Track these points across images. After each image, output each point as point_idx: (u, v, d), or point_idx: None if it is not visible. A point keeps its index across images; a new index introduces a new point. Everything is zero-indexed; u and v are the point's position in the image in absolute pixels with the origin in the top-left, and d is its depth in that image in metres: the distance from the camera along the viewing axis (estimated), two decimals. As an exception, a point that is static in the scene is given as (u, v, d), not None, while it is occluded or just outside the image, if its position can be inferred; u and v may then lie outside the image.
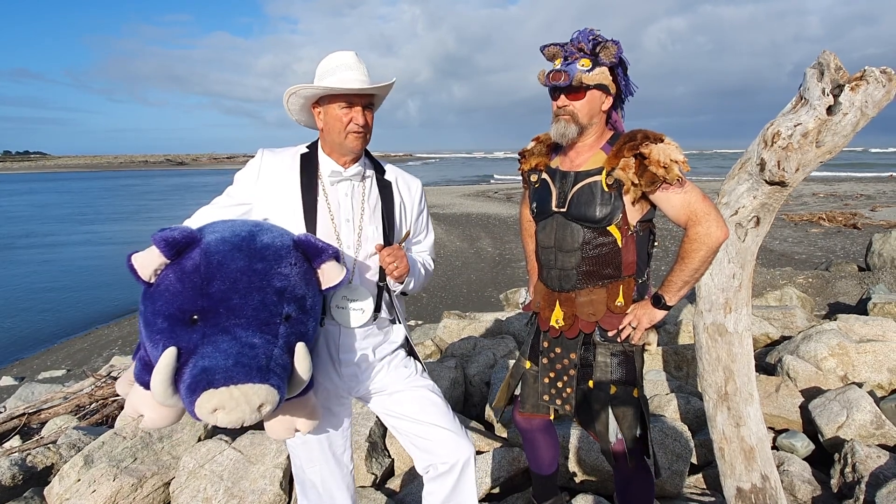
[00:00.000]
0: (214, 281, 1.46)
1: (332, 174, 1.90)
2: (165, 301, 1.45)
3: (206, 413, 1.35)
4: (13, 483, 3.06)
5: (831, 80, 2.16)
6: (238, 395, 1.35)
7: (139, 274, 1.46)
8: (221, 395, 1.34)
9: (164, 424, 1.60)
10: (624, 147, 1.89)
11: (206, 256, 1.48)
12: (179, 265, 1.47)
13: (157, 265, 1.47)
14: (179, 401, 1.40)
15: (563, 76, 1.91)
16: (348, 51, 1.88)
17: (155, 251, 1.46)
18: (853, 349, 3.82)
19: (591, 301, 2.03)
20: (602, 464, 2.84)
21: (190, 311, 1.44)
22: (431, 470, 2.00)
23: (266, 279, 1.51)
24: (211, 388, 1.34)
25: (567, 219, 2.01)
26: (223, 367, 1.37)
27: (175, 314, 1.44)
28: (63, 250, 17.57)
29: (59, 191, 45.98)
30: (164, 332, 1.43)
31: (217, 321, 1.44)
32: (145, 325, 1.48)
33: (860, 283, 7.60)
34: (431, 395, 2.03)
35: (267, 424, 1.64)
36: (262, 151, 1.93)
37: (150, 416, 1.57)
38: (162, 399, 1.39)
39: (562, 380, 2.12)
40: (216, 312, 1.44)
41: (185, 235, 1.48)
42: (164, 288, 1.46)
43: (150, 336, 1.46)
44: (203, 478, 2.85)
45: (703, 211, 1.85)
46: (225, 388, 1.34)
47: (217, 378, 1.35)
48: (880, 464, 2.71)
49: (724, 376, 2.39)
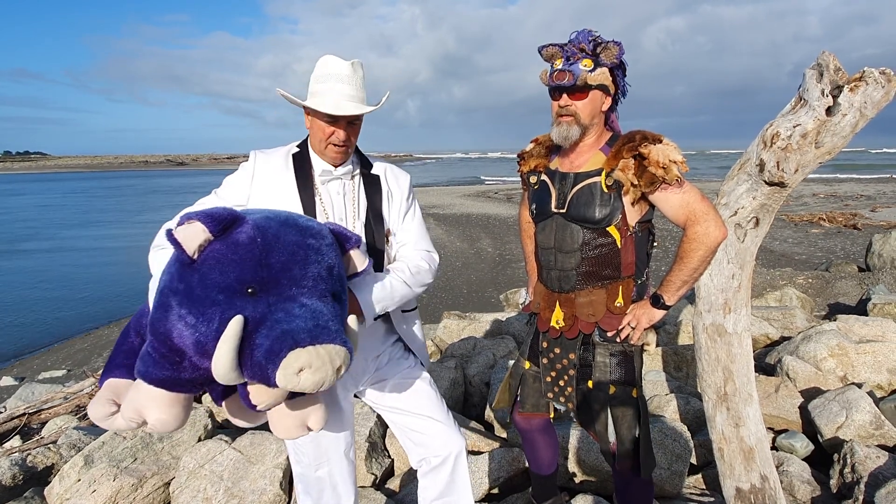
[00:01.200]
0: (273, 252, 1.45)
1: (323, 173, 1.91)
2: (220, 273, 1.40)
3: (291, 373, 1.31)
4: (13, 483, 3.06)
5: (830, 81, 2.16)
6: (324, 353, 1.34)
7: (184, 248, 1.40)
8: (309, 353, 1.32)
9: (174, 426, 1.50)
10: (623, 148, 1.90)
11: (261, 230, 1.47)
12: (230, 239, 1.44)
13: (202, 240, 1.42)
14: (239, 375, 1.36)
15: (568, 76, 1.91)
16: (346, 60, 1.85)
17: (199, 226, 1.42)
18: (853, 350, 3.82)
19: (591, 302, 2.03)
20: (602, 464, 2.85)
21: (248, 281, 1.41)
22: (424, 464, 2.03)
23: (319, 254, 1.52)
24: (297, 347, 1.32)
25: (567, 220, 2.02)
26: (306, 329, 1.35)
27: (232, 285, 1.40)
28: (64, 250, 17.57)
29: (60, 191, 45.93)
30: (220, 304, 1.38)
31: (281, 291, 1.43)
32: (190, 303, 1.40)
33: (860, 283, 7.60)
34: (426, 388, 2.05)
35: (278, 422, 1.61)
36: (254, 153, 1.94)
37: (159, 417, 1.47)
38: (225, 370, 1.33)
39: (563, 379, 2.13)
40: (278, 283, 1.43)
41: (229, 212, 1.46)
42: (215, 261, 1.41)
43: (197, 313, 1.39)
44: (203, 478, 2.86)
45: (702, 211, 1.86)
46: (311, 347, 1.33)
47: (303, 338, 1.33)
48: (879, 464, 2.71)
49: (724, 377, 2.39)
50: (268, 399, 1.44)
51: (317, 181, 1.91)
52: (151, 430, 1.49)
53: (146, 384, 1.47)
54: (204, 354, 1.40)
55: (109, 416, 1.53)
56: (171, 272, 1.46)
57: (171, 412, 1.48)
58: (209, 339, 1.37)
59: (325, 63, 1.85)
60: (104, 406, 1.54)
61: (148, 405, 1.47)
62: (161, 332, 1.44)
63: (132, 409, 1.47)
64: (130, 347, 1.65)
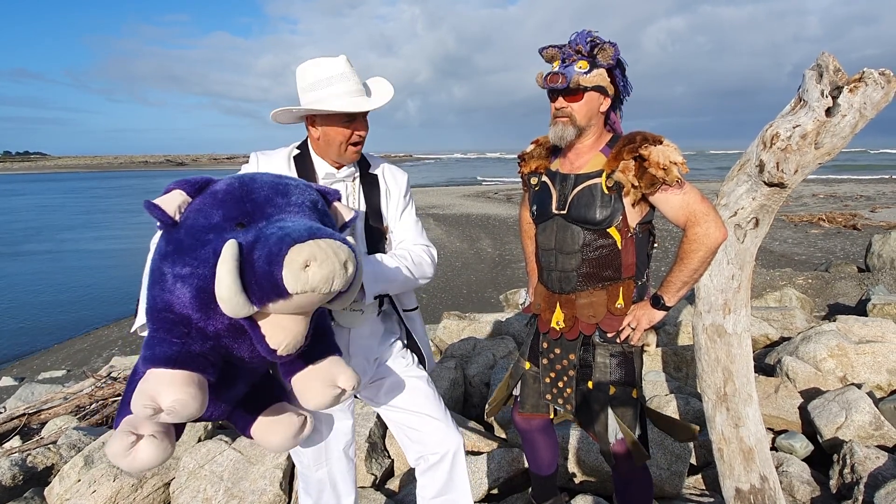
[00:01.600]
0: (254, 190, 1.46)
1: (326, 176, 1.92)
2: (205, 217, 1.41)
3: (297, 269, 1.25)
4: (13, 483, 3.07)
5: (830, 82, 2.16)
6: (325, 246, 1.28)
7: (164, 209, 1.40)
8: (310, 246, 1.27)
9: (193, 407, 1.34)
10: (623, 149, 1.90)
11: (237, 178, 1.49)
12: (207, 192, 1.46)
13: (181, 202, 1.43)
14: (247, 302, 1.28)
15: (560, 78, 1.92)
16: (337, 58, 1.83)
17: (176, 191, 1.43)
18: (852, 350, 3.82)
19: (592, 303, 2.03)
20: (601, 464, 2.85)
21: (235, 217, 1.41)
22: (422, 462, 2.03)
23: (299, 189, 1.53)
24: (297, 243, 1.28)
25: (567, 221, 2.02)
26: (300, 229, 1.32)
27: (220, 223, 1.39)
28: (64, 251, 17.57)
29: (61, 192, 45.91)
30: (211, 241, 1.37)
31: (269, 216, 1.43)
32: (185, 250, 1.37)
33: (859, 284, 7.61)
34: (423, 386, 2.06)
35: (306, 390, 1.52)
36: (255, 155, 1.94)
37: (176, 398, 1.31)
38: (229, 294, 1.26)
39: (562, 380, 2.13)
40: (263, 211, 1.43)
41: (204, 177, 1.49)
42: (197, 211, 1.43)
43: (191, 257, 1.36)
44: (203, 478, 2.86)
45: (702, 212, 1.87)
46: (311, 240, 1.28)
47: (300, 234, 1.29)
48: (879, 465, 2.72)
49: (724, 377, 2.39)
50: (285, 336, 1.36)
51: (320, 184, 1.92)
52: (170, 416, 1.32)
53: (155, 369, 1.37)
54: (208, 306, 1.35)
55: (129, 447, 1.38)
56: (158, 246, 1.45)
57: (187, 391, 1.33)
58: (208, 278, 1.32)
59: (317, 67, 1.82)
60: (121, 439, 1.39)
61: (160, 389, 1.33)
62: (161, 307, 1.39)
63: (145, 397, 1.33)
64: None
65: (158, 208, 1.40)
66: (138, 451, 1.37)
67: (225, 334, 1.41)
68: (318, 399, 1.50)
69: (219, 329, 1.39)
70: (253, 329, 1.37)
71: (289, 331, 1.37)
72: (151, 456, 1.38)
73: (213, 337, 1.40)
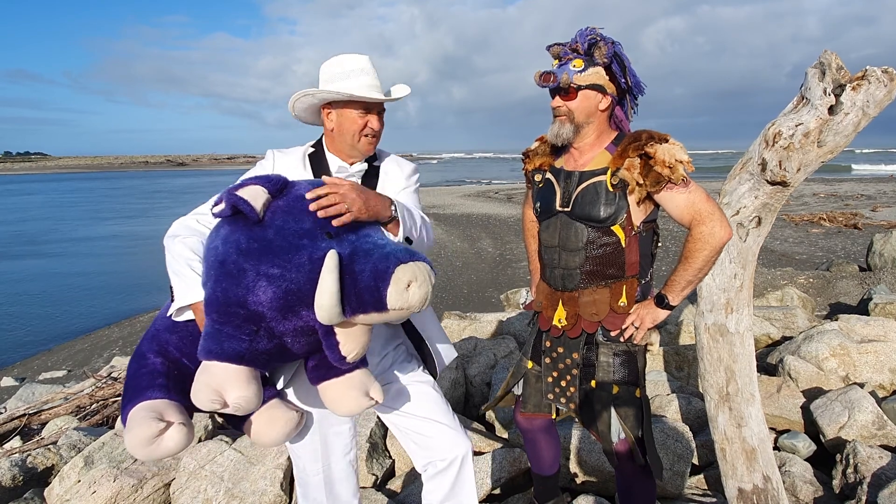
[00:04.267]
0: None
1: (339, 170, 1.94)
2: (296, 221, 1.45)
3: (402, 288, 1.36)
4: (13, 484, 3.06)
5: (833, 80, 2.16)
6: (423, 268, 1.41)
7: (252, 205, 1.42)
8: (412, 268, 1.39)
9: (255, 404, 1.43)
10: (629, 147, 1.90)
11: (316, 185, 1.54)
12: (291, 195, 1.51)
13: (266, 199, 1.47)
14: (341, 313, 1.36)
15: (552, 78, 1.95)
16: (362, 55, 1.90)
17: (259, 188, 1.47)
18: (854, 349, 3.81)
19: (595, 301, 2.03)
20: (603, 464, 2.84)
21: (325, 226, 1.47)
22: (430, 468, 2.00)
23: None
24: (402, 263, 1.39)
25: (571, 218, 2.02)
26: (400, 250, 1.43)
27: (312, 230, 1.45)
28: (64, 251, 17.57)
29: (61, 192, 45.88)
30: (306, 247, 1.42)
31: (356, 229, 1.51)
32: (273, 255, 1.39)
33: (861, 283, 7.60)
34: (430, 391, 2.03)
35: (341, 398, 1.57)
36: (272, 152, 1.97)
37: (242, 395, 1.39)
38: (330, 305, 1.33)
39: (565, 379, 2.12)
40: (350, 224, 1.50)
41: (283, 177, 1.55)
42: (285, 213, 1.47)
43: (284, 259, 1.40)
44: (203, 479, 2.85)
45: (707, 211, 1.86)
46: (412, 262, 1.40)
47: (403, 256, 1.41)
48: (882, 464, 2.71)
49: (726, 377, 2.38)
50: (356, 345, 1.45)
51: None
52: (234, 410, 1.41)
53: (221, 362, 1.40)
54: (287, 309, 1.40)
55: (157, 435, 1.39)
56: (233, 240, 1.44)
57: (250, 388, 1.41)
58: (301, 283, 1.39)
59: (344, 60, 1.89)
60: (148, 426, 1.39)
61: (227, 383, 1.39)
62: (233, 300, 1.39)
63: (210, 390, 1.39)
64: (153, 369, 1.58)
65: (247, 203, 1.42)
66: (167, 438, 1.43)
67: (290, 335, 1.46)
68: (351, 407, 1.58)
69: (287, 330, 1.45)
70: (328, 337, 1.45)
71: (360, 340, 1.47)
72: (179, 443, 1.45)
73: (279, 336, 1.45)
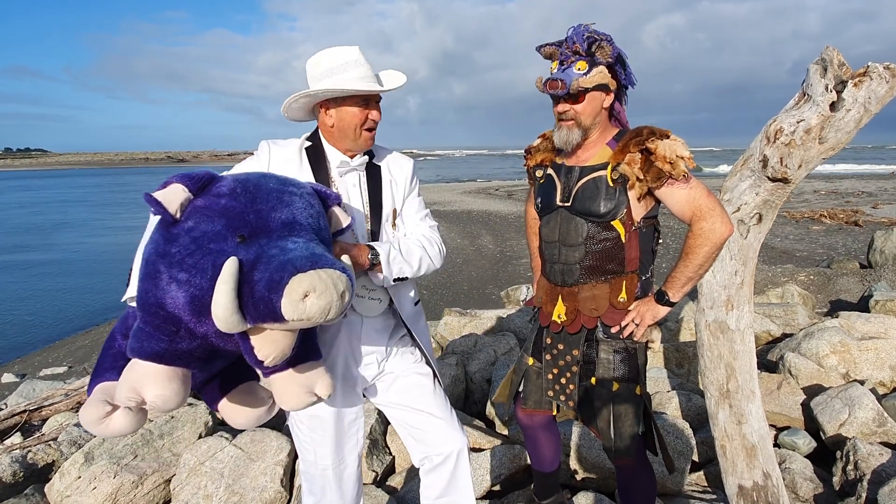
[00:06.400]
0: (258, 199, 1.45)
1: (341, 164, 1.91)
2: (208, 223, 1.39)
3: (296, 299, 1.28)
4: (14, 480, 3.06)
5: (834, 77, 2.15)
6: (325, 277, 1.31)
7: (165, 207, 1.38)
8: (311, 277, 1.30)
9: (174, 402, 1.41)
10: (630, 143, 1.89)
11: (240, 181, 1.47)
12: (211, 194, 1.44)
13: (183, 199, 1.41)
14: (241, 320, 1.31)
15: (560, 84, 1.89)
16: (351, 46, 1.86)
17: (178, 186, 1.41)
18: (855, 346, 3.81)
19: (594, 296, 2.02)
20: (603, 461, 2.84)
21: (238, 228, 1.40)
22: (427, 462, 2.01)
23: (303, 199, 1.54)
24: (298, 272, 1.30)
25: (571, 213, 2.01)
26: (303, 257, 1.34)
27: (222, 232, 1.38)
28: (64, 248, 17.57)
29: (67, 187, 45.76)
30: (212, 253, 1.36)
31: (271, 233, 1.42)
32: (185, 258, 1.36)
33: (862, 280, 7.59)
34: (429, 384, 2.04)
35: (285, 391, 1.55)
36: (266, 143, 1.91)
37: (159, 393, 1.38)
38: (225, 314, 1.27)
39: (565, 376, 2.12)
40: (267, 226, 1.43)
41: (206, 172, 1.47)
42: (200, 214, 1.41)
43: (189, 267, 1.35)
44: (204, 475, 2.85)
45: (708, 207, 1.85)
46: (313, 271, 1.31)
47: (302, 264, 1.32)
48: (882, 461, 2.71)
49: (726, 374, 2.38)
50: (273, 350, 1.38)
51: (334, 173, 1.91)
52: (151, 408, 1.41)
53: (142, 361, 1.41)
54: (200, 313, 1.36)
55: (104, 416, 1.44)
56: (155, 239, 1.43)
57: (170, 387, 1.40)
58: (205, 290, 1.33)
59: (331, 56, 1.84)
60: (97, 407, 1.45)
61: (145, 382, 1.39)
62: (152, 302, 1.39)
63: (129, 388, 1.39)
64: (119, 351, 1.60)
65: (159, 204, 1.38)
66: (112, 420, 1.43)
67: (213, 335, 1.42)
68: (294, 403, 1.55)
69: (208, 331, 1.40)
70: (243, 341, 1.39)
71: (278, 344, 1.39)
72: (125, 426, 1.44)
73: (202, 337, 1.41)
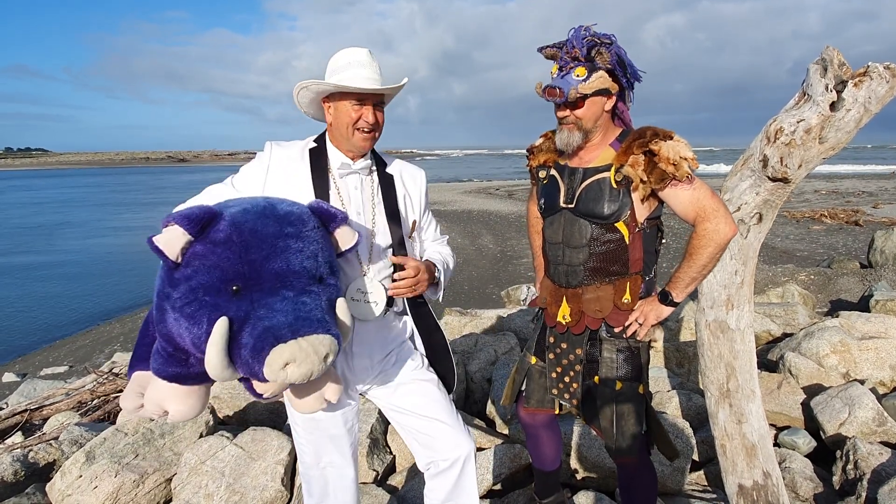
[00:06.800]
0: (252, 248, 1.46)
1: (342, 166, 1.91)
2: (203, 275, 1.42)
3: (276, 369, 1.35)
4: (15, 479, 3.07)
5: (834, 76, 2.15)
6: (306, 346, 1.37)
7: (166, 254, 1.41)
8: (291, 347, 1.35)
9: (193, 414, 1.60)
10: (633, 144, 1.89)
11: (237, 226, 1.47)
12: (208, 239, 1.44)
13: (183, 243, 1.43)
14: (234, 372, 1.40)
15: (559, 93, 1.90)
16: (362, 48, 1.88)
17: (178, 230, 1.42)
18: (855, 346, 3.81)
19: (598, 298, 2.03)
20: (604, 461, 2.84)
21: (232, 280, 1.43)
22: (433, 467, 2.00)
23: (300, 241, 1.54)
24: (279, 342, 1.35)
25: (575, 215, 2.01)
26: (287, 323, 1.38)
27: (216, 286, 1.42)
28: (65, 247, 17.58)
29: (68, 187, 45.71)
30: (207, 306, 1.40)
31: (263, 286, 1.45)
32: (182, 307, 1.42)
33: (862, 280, 7.60)
34: (434, 390, 2.02)
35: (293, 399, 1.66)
36: (270, 144, 1.92)
37: (178, 409, 1.57)
38: (217, 371, 1.37)
39: (568, 375, 2.12)
40: (260, 278, 1.45)
41: (205, 211, 1.46)
42: (198, 263, 1.43)
43: (190, 315, 1.41)
44: (205, 474, 2.86)
45: (712, 207, 1.86)
46: (293, 340, 1.36)
47: (283, 333, 1.37)
48: (882, 461, 2.71)
49: (726, 373, 2.38)
50: (270, 389, 1.47)
51: (335, 174, 1.91)
52: (172, 420, 1.61)
53: (160, 380, 1.54)
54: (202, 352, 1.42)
55: (139, 407, 1.63)
56: (161, 277, 1.49)
57: (187, 403, 1.57)
58: (202, 340, 1.41)
59: (343, 53, 1.88)
60: (133, 399, 1.63)
61: (166, 399, 1.56)
62: (164, 333, 1.49)
63: (153, 403, 1.58)
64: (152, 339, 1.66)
65: (160, 251, 1.41)
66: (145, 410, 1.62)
67: None
68: (307, 408, 1.67)
69: None
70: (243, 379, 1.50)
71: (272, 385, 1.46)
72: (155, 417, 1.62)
73: None
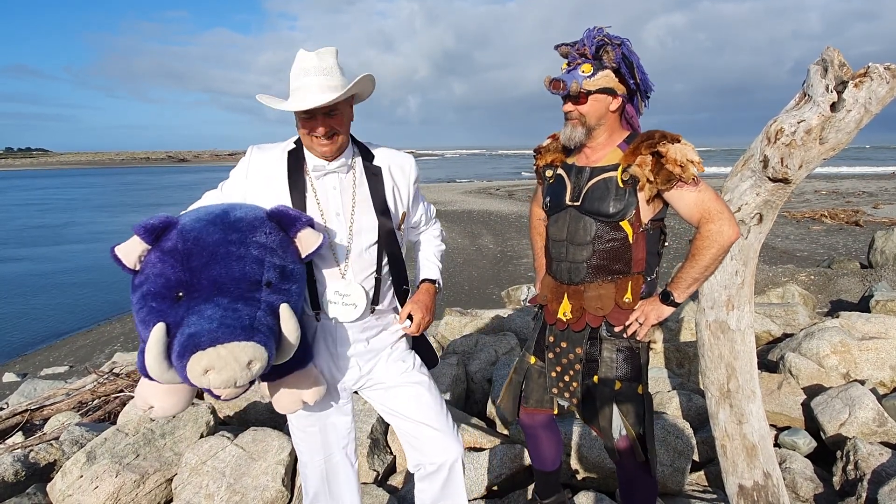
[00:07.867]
0: (193, 256, 1.55)
1: (316, 168, 1.88)
2: (151, 283, 1.53)
3: (197, 376, 1.41)
4: (16, 479, 3.07)
5: (835, 77, 2.15)
6: (225, 353, 1.41)
7: (123, 262, 1.54)
8: (209, 355, 1.41)
9: (175, 411, 1.67)
10: (641, 145, 1.92)
11: (182, 234, 1.57)
12: (159, 247, 1.56)
13: (140, 252, 1.55)
14: (176, 375, 1.47)
15: (561, 86, 1.96)
16: (312, 52, 1.79)
17: (136, 239, 1.55)
18: (855, 346, 3.81)
19: (600, 295, 2.04)
20: (604, 461, 2.84)
21: (175, 287, 1.52)
22: (421, 469, 2.03)
23: (243, 247, 1.60)
24: (198, 350, 1.41)
25: (580, 212, 2.03)
26: (207, 330, 1.44)
27: (161, 292, 1.52)
28: (65, 247, 17.59)
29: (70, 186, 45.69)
30: (154, 311, 1.51)
31: (200, 293, 1.52)
32: (137, 312, 1.55)
33: (862, 280, 7.60)
34: (424, 393, 2.01)
35: (274, 398, 1.75)
36: (251, 149, 1.93)
37: (160, 405, 1.65)
38: (158, 374, 1.46)
39: (568, 374, 2.13)
40: (199, 285, 1.53)
41: (162, 220, 1.57)
42: (148, 271, 1.54)
43: (142, 320, 1.53)
44: (205, 474, 2.86)
45: (716, 210, 1.88)
46: (211, 348, 1.41)
47: (203, 340, 1.42)
48: (882, 461, 2.71)
49: (727, 373, 2.39)
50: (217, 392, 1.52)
51: (312, 176, 1.90)
52: (156, 415, 1.69)
53: (145, 379, 1.63)
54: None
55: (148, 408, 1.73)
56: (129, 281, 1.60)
57: (169, 401, 1.66)
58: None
59: (297, 61, 1.81)
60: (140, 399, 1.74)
61: (150, 395, 1.65)
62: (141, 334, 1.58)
63: (140, 399, 1.68)
64: None
65: (119, 260, 1.54)
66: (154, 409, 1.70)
67: None
68: (285, 408, 1.81)
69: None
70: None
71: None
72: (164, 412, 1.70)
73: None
